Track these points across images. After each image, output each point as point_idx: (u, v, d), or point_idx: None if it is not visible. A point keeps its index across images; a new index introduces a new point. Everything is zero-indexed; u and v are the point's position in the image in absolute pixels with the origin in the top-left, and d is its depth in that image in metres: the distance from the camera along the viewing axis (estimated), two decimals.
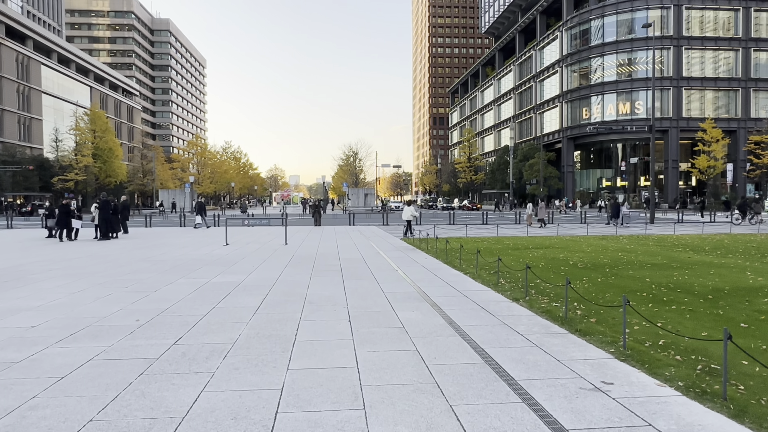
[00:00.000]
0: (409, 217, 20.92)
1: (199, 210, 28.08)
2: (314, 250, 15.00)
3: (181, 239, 18.76)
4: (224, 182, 75.68)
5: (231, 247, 15.80)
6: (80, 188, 69.87)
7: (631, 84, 56.17)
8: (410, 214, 20.96)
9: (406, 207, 21.58)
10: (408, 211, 21.09)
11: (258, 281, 9.12)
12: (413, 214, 21.25)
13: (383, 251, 14.45)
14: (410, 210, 21.19)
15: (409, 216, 20.92)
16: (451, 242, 16.11)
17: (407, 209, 21.19)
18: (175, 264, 11.57)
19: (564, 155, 63.47)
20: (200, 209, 28.11)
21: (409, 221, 20.89)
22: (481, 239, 18.95)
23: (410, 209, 21.30)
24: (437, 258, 12.74)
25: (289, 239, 18.84)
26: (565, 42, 62.20)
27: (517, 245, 16.35)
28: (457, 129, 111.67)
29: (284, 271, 10.47)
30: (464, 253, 12.71)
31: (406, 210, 21.17)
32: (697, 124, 54.33)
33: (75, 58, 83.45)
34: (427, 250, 14.71)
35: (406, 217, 20.91)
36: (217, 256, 13.34)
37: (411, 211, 21.12)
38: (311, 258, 12.74)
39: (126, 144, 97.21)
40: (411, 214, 21.02)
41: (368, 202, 65.96)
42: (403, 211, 21.32)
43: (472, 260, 12.07)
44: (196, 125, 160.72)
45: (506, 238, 19.18)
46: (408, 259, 12.49)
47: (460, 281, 9.16)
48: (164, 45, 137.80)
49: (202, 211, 28.04)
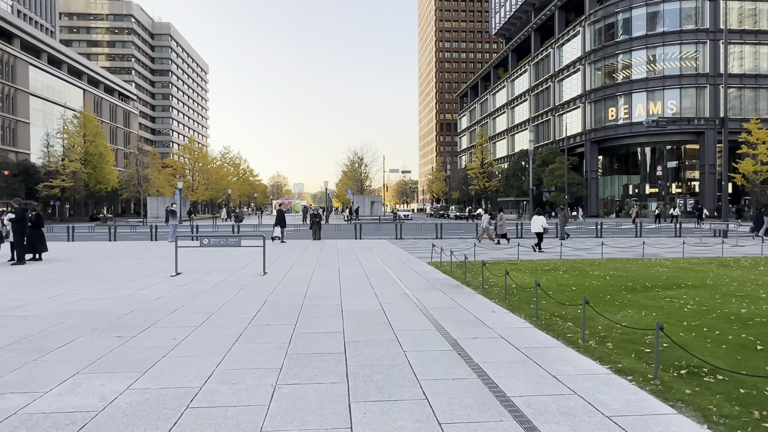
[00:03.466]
0: (540, 228, 17.64)
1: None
2: (303, 287, 9.79)
3: (121, 264, 13.55)
4: (220, 189, 71.10)
5: (176, 282, 10.53)
6: (68, 195, 65.55)
7: (663, 82, 51.35)
8: (541, 225, 17.63)
9: (536, 217, 17.88)
10: (538, 221, 17.71)
11: (143, 408, 3.91)
12: (544, 225, 17.73)
13: (413, 290, 9.35)
14: (541, 220, 17.71)
15: (540, 227, 17.63)
16: (503, 269, 11.41)
17: (538, 219, 17.74)
18: (28, 333, 6.25)
19: (587, 160, 58.61)
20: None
21: (540, 234, 17.69)
22: (543, 263, 13.91)
23: (541, 219, 17.73)
24: (518, 313, 7.30)
25: (275, 262, 14.02)
26: (588, 38, 57.53)
27: (624, 280, 10.41)
28: (466, 134, 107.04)
29: (227, 357, 5.19)
30: (545, 294, 8.00)
31: (537, 220, 17.76)
32: (737, 125, 49.46)
33: (67, 60, 79.50)
34: (483, 289, 9.38)
35: (536, 229, 17.70)
36: (135, 305, 8.03)
37: (542, 222, 17.67)
38: (293, 310, 7.52)
39: (122, 149, 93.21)
40: (542, 225, 17.63)
41: (375, 211, 61.21)
42: (533, 221, 17.94)
43: (571, 313, 7.32)
44: (197, 132, 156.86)
45: (581, 263, 13.72)
46: (464, 315, 7.18)
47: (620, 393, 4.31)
48: (165, 49, 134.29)
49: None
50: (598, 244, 19.20)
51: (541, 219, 17.74)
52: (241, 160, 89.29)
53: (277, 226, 22.62)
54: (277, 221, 22.75)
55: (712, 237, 23.72)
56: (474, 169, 78.31)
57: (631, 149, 56.78)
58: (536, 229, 17.70)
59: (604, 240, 21.25)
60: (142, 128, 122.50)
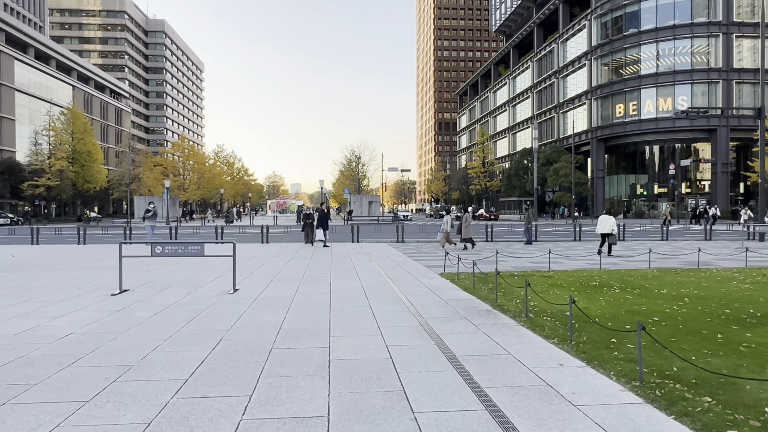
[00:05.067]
0: (609, 230, 15.39)
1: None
2: (279, 314, 7.20)
3: (61, 277, 10.82)
4: (213, 188, 68.74)
5: (113, 304, 7.95)
6: (54, 195, 63.20)
7: (674, 77, 49.29)
8: (610, 226, 15.36)
9: (605, 217, 15.58)
10: (609, 222, 15.41)
11: None
12: (613, 227, 15.41)
13: (429, 319, 6.82)
14: (611, 221, 15.42)
15: (609, 229, 15.38)
16: (539, 282, 9.27)
17: (607, 219, 15.46)
18: None
19: (593, 158, 56.54)
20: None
21: (606, 235, 15.50)
22: (582, 275, 11.24)
23: (611, 220, 15.43)
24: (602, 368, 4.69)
25: (253, 273, 11.64)
26: (594, 32, 55.47)
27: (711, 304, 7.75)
28: (466, 133, 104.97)
29: None
30: (622, 329, 5.78)
31: (606, 221, 15.44)
32: (750, 122, 47.51)
33: (56, 55, 77.12)
34: (529, 320, 6.71)
35: (604, 230, 15.45)
36: (20, 350, 5.36)
37: (612, 223, 15.38)
38: (255, 361, 5.00)
39: (113, 148, 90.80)
40: (611, 227, 15.36)
41: (373, 211, 59.05)
42: (601, 221, 15.63)
43: (689, 371, 4.83)
44: (192, 130, 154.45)
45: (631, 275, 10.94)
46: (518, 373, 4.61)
47: None
48: (159, 47, 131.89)
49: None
50: (627, 248, 17.06)
51: (611, 219, 15.50)
52: (235, 159, 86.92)
53: (319, 228, 19.98)
54: (318, 222, 20.09)
55: (746, 240, 21.58)
56: (475, 168, 76.16)
57: (639, 147, 54.71)
58: (605, 230, 15.50)
59: (630, 243, 19.11)
60: (136, 127, 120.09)
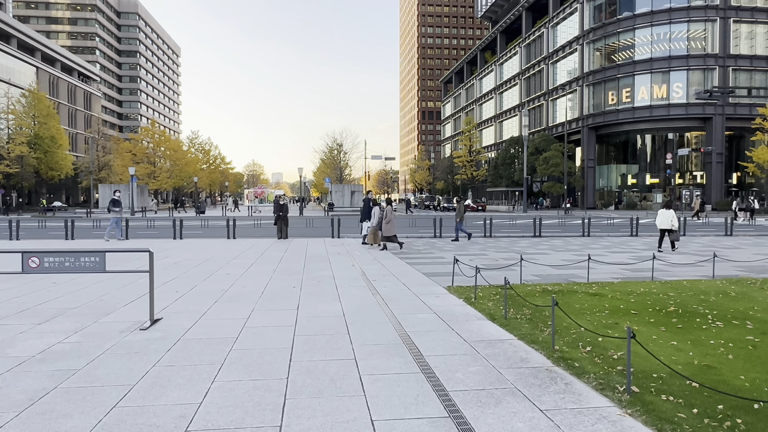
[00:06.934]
0: (669, 225, 14.30)
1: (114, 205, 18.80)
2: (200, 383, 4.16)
3: None
4: (186, 176, 65.20)
5: None
6: (14, 183, 59.15)
7: (669, 63, 47.41)
8: (669, 221, 14.27)
9: (664, 211, 14.40)
10: (667, 216, 14.29)
11: None
12: (673, 222, 14.31)
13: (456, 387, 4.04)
14: (670, 215, 14.28)
15: (669, 224, 14.29)
16: (597, 303, 6.91)
17: (666, 213, 14.32)
18: None
19: (584, 147, 54.59)
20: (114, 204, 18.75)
21: (666, 231, 14.44)
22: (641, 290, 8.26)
23: (671, 213, 14.30)
24: None
25: (194, 290, 8.53)
26: (587, 15, 53.27)
27: None
28: (450, 122, 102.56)
29: None
30: None
31: (665, 215, 14.32)
32: (746, 111, 45.95)
33: (17, 34, 72.26)
34: (636, 400, 3.79)
35: (664, 225, 14.35)
36: None
37: (671, 217, 14.28)
38: None
39: (82, 134, 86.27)
40: (670, 221, 14.27)
41: (355, 201, 56.35)
42: (660, 215, 14.47)
43: None
44: (168, 117, 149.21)
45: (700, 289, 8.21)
46: None
47: None
48: (132, 29, 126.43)
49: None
50: (649, 246, 14.75)
51: (670, 213, 14.30)
52: (211, 146, 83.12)
53: (365, 220, 16.67)
54: (363, 215, 16.74)
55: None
56: (461, 157, 73.83)
57: (631, 136, 52.91)
58: (664, 225, 14.30)
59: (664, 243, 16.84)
60: (107, 112, 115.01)
